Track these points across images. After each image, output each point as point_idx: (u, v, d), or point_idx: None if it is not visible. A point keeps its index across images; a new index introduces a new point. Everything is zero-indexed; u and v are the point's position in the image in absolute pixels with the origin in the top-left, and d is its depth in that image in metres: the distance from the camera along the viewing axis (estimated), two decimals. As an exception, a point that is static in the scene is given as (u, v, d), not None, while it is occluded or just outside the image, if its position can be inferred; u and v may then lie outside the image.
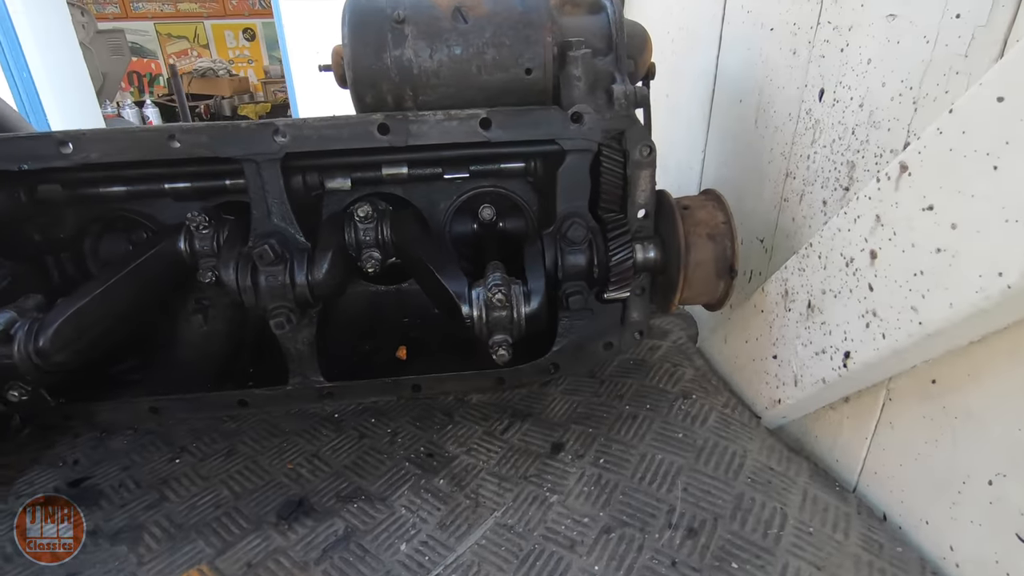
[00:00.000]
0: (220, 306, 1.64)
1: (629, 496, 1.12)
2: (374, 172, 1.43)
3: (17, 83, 5.00)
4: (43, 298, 1.23)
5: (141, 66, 13.87)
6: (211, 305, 1.64)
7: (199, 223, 1.34)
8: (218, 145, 1.23)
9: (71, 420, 1.42)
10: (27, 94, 5.05)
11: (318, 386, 1.44)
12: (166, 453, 1.33)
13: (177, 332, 1.61)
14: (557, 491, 1.15)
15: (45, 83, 5.21)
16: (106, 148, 1.21)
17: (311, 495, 1.18)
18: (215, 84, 12.63)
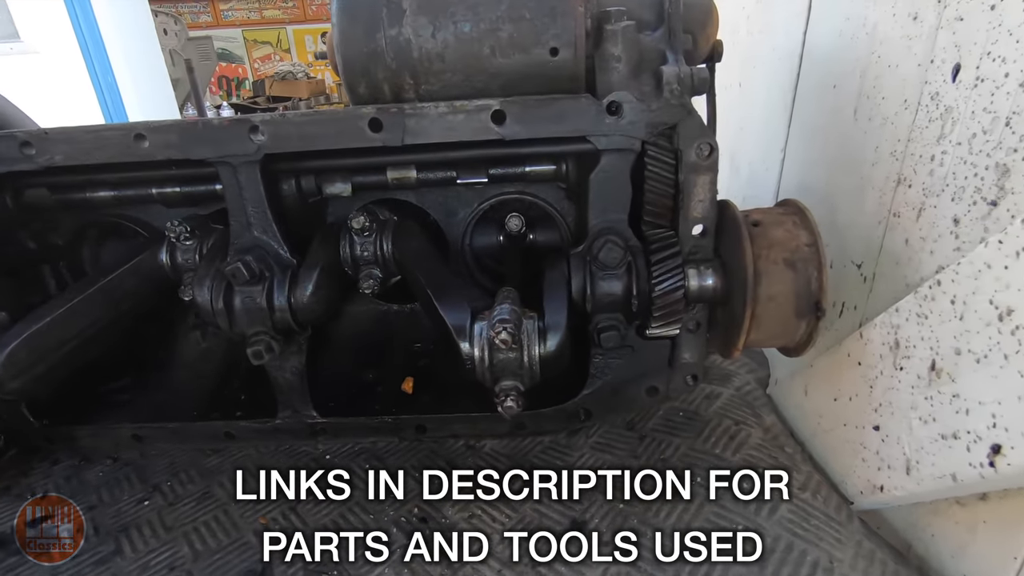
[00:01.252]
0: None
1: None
2: (378, 176, 1.23)
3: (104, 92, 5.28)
4: (7, 316, 1.11)
5: (229, 71, 14.65)
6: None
7: (179, 233, 1.19)
8: (188, 145, 1.06)
9: (53, 444, 1.32)
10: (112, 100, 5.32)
11: (309, 421, 1.25)
12: (138, 491, 1.19)
13: (175, 348, 1.49)
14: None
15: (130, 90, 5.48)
16: (69, 149, 1.07)
17: (276, 564, 0.99)
18: (293, 87, 13.15)
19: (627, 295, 1.05)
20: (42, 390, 1.10)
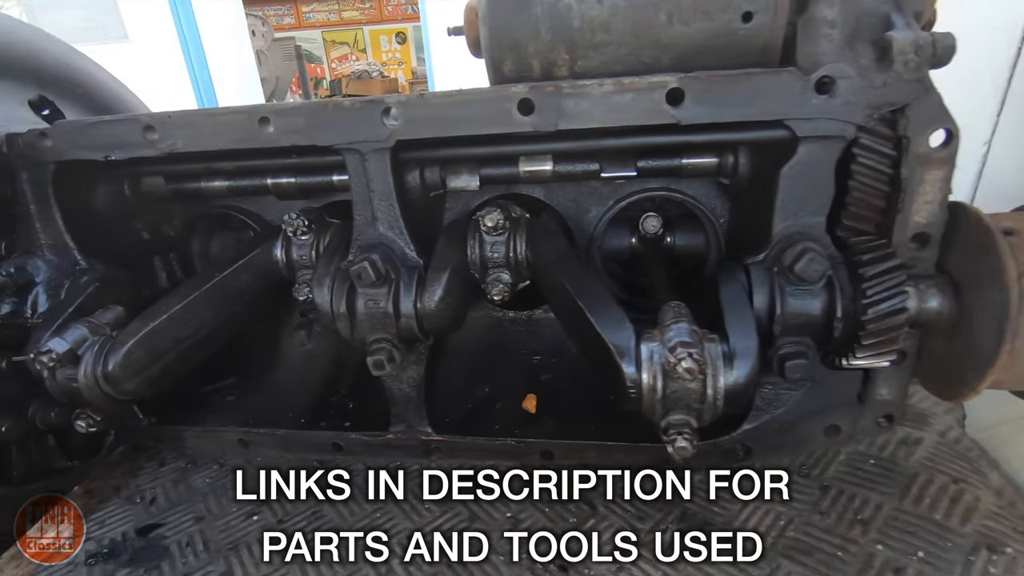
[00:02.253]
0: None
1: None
2: (509, 168, 1.09)
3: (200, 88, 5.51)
4: (123, 311, 1.05)
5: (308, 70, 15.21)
6: (317, 320, 1.41)
7: (297, 227, 1.10)
8: (315, 130, 0.95)
9: (160, 443, 1.27)
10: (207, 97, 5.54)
11: (424, 438, 1.13)
12: (245, 504, 1.10)
13: (278, 348, 1.41)
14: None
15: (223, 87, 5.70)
16: (191, 134, 0.99)
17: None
18: (368, 85, 13.47)
19: (827, 316, 0.85)
20: (156, 391, 1.03)
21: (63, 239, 1.12)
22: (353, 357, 1.38)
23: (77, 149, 1.04)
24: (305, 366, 1.38)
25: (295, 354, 1.39)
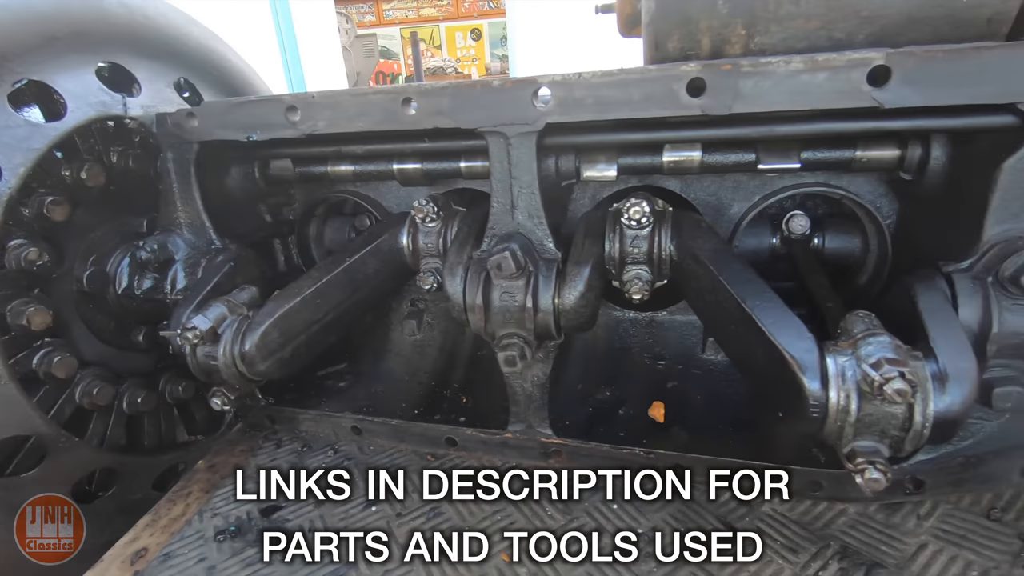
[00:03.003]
0: (437, 313, 1.38)
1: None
2: (651, 157, 1.01)
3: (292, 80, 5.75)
4: (257, 292, 1.05)
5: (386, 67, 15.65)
6: (426, 310, 1.39)
7: (427, 214, 1.06)
8: (460, 111, 0.91)
9: (276, 424, 1.28)
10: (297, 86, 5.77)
11: (544, 440, 1.08)
12: (363, 493, 1.08)
13: (388, 336, 1.40)
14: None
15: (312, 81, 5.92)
16: (333, 115, 0.98)
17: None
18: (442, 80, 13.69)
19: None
20: (285, 373, 1.04)
21: (201, 218, 1.14)
22: (464, 350, 1.35)
23: (221, 129, 1.05)
24: (415, 356, 1.35)
25: (405, 343, 1.37)
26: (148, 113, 1.09)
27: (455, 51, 15.67)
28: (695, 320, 1.21)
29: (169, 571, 0.94)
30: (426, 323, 1.38)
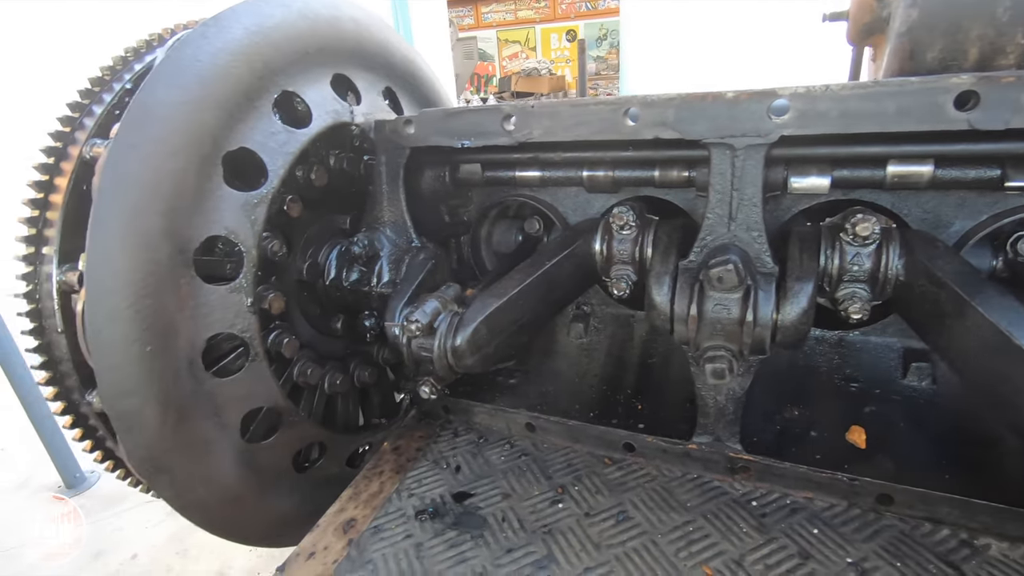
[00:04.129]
0: (604, 317, 1.40)
1: None
2: (871, 170, 0.96)
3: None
4: (460, 289, 1.12)
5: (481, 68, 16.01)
6: (592, 314, 1.41)
7: (626, 221, 1.08)
8: (684, 122, 0.92)
9: (450, 414, 1.35)
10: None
11: (731, 455, 1.06)
12: (546, 489, 1.12)
13: (554, 338, 1.43)
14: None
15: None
16: (551, 125, 1.02)
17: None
18: (536, 82, 13.80)
19: None
20: (485, 368, 1.09)
21: (403, 218, 1.23)
22: (632, 356, 1.36)
23: (436, 135, 1.13)
24: (583, 359, 1.38)
25: (571, 346, 1.40)
26: (368, 120, 1.19)
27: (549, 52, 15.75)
28: (893, 342, 1.14)
29: (381, 543, 1.02)
30: (593, 327, 1.40)
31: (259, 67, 0.95)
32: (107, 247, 0.77)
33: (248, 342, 0.96)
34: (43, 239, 0.88)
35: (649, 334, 1.35)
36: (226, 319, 0.93)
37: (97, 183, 0.82)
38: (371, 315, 1.25)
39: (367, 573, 0.96)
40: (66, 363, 0.90)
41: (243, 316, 0.95)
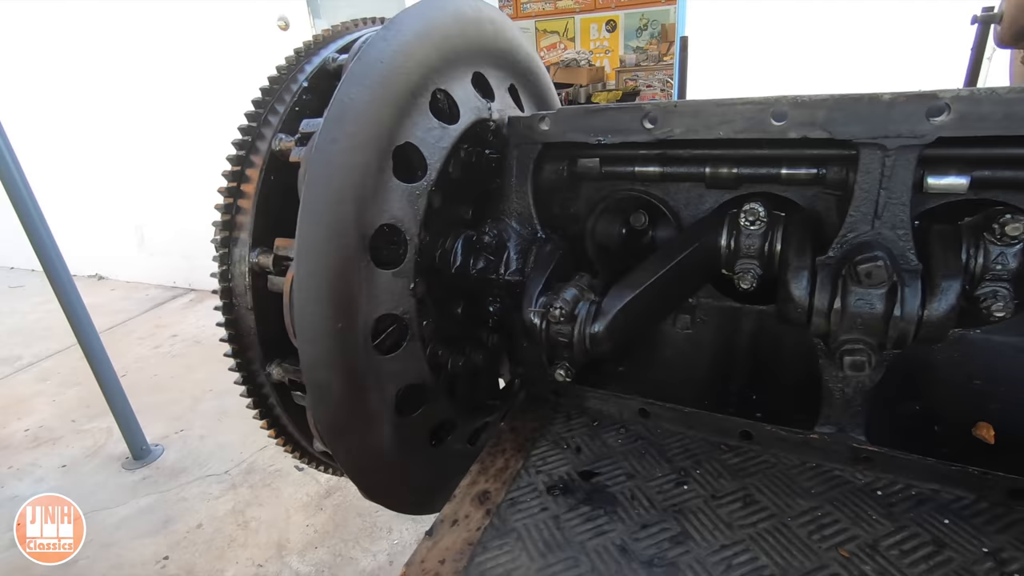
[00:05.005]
0: (709, 310, 1.44)
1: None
2: (1014, 171, 0.98)
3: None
4: (591, 278, 1.18)
5: (519, 59, 15.79)
6: (698, 306, 1.45)
7: (757, 217, 1.12)
8: (835, 123, 0.95)
9: (560, 398, 1.41)
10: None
11: (855, 445, 1.10)
12: (668, 471, 1.18)
13: (660, 327, 1.48)
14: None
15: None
16: (692, 123, 1.06)
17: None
18: (575, 74, 13.70)
19: None
20: (613, 356, 1.15)
21: (530, 210, 1.29)
22: (740, 348, 1.40)
23: (572, 132, 1.18)
24: (689, 349, 1.43)
25: (678, 336, 1.45)
26: (501, 116, 1.25)
27: (588, 43, 15.61)
28: (1018, 341, 1.16)
29: (520, 515, 1.10)
30: (699, 319, 1.45)
31: (422, 67, 1.02)
32: (314, 233, 0.85)
33: (408, 323, 1.04)
34: (236, 224, 0.97)
35: (758, 327, 1.39)
36: (391, 301, 1.01)
37: (303, 174, 0.90)
38: (495, 301, 1.31)
39: (512, 540, 1.04)
40: (250, 337, 0.99)
41: (405, 298, 1.03)
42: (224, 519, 4.55)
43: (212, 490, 4.88)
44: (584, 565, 0.97)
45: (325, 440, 0.95)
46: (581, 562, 0.98)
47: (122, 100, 7.43)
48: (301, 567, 3.97)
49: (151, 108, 7.30)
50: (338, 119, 0.87)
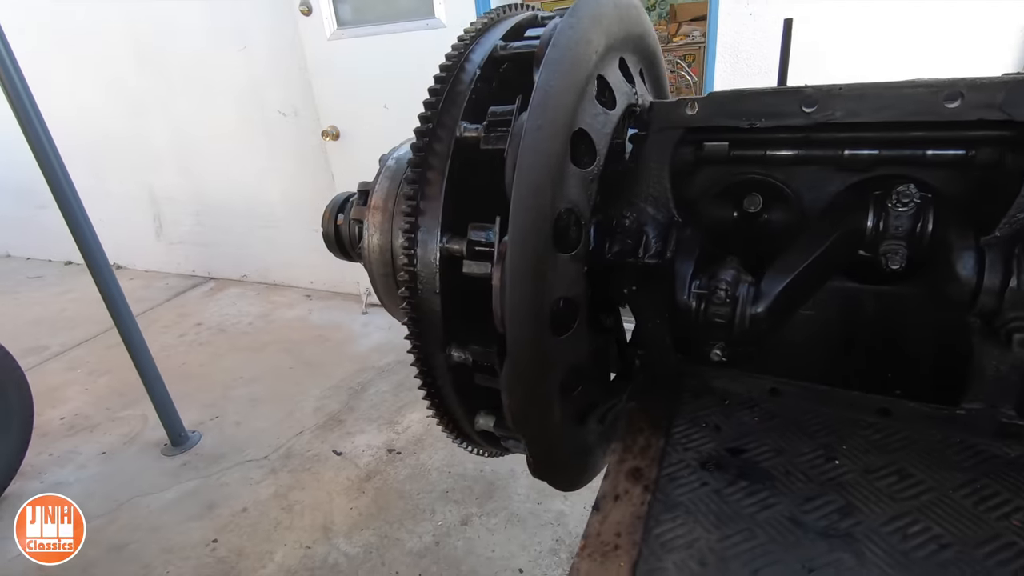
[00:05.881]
0: (827, 290, 1.47)
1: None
2: None
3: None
4: (738, 261, 1.20)
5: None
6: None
7: (911, 199, 1.14)
8: (1017, 105, 0.97)
9: (683, 378, 1.44)
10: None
11: (1005, 420, 1.14)
12: (813, 448, 1.21)
13: (775, 310, 1.51)
14: None
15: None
16: (855, 106, 1.08)
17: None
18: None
19: None
20: (767, 336, 1.18)
21: (666, 195, 1.31)
22: (862, 327, 1.43)
23: (720, 117, 1.20)
24: (809, 328, 1.46)
25: (798, 317, 1.48)
26: (643, 100, 1.26)
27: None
28: None
29: (681, 489, 1.13)
30: (818, 299, 1.47)
31: (596, 54, 1.03)
32: (525, 218, 0.87)
33: (579, 305, 1.07)
34: (420, 211, 0.99)
35: (877, 307, 1.42)
36: (566, 284, 1.03)
37: (511, 161, 0.92)
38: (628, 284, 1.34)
39: (682, 513, 1.07)
40: (433, 319, 1.01)
41: (578, 282, 1.05)
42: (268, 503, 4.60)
43: (253, 475, 4.92)
44: (761, 536, 1.01)
45: (516, 418, 0.98)
46: (757, 534, 1.02)
47: (139, 90, 7.33)
48: (349, 548, 4.03)
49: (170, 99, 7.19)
50: (541, 106, 0.88)
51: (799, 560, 0.96)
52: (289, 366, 5.88)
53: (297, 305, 7.19)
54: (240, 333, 6.53)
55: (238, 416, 5.13)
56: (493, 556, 3.71)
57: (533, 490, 4.17)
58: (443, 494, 4.16)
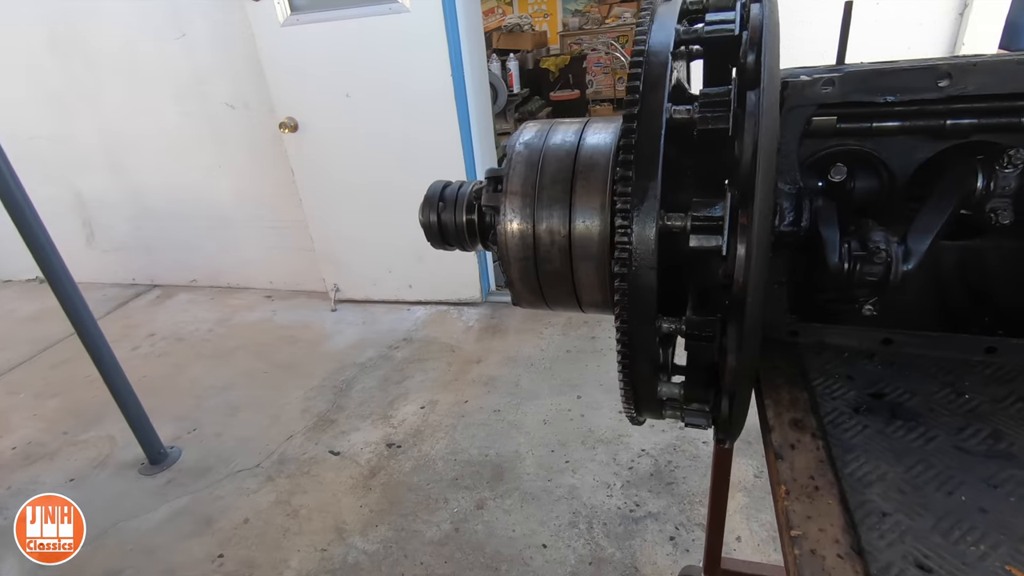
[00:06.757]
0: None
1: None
2: None
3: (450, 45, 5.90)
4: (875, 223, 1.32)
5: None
6: (900, 245, 1.64)
7: (1021, 161, 1.30)
8: None
9: (796, 337, 1.56)
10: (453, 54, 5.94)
11: (1097, 346, 1.33)
12: (940, 387, 1.36)
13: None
14: None
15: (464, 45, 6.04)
16: (987, 80, 1.21)
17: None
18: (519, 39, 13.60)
19: None
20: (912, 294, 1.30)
21: (795, 168, 1.40)
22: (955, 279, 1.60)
23: (857, 92, 1.29)
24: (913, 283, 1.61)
25: (888, 273, 1.63)
26: (779, 77, 1.34)
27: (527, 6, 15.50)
28: None
29: (848, 432, 1.24)
30: (905, 258, 1.63)
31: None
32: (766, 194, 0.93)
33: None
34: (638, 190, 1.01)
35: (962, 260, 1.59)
36: (763, 251, 1.10)
37: (751, 139, 0.95)
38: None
39: (861, 452, 1.18)
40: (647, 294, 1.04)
41: (769, 248, 1.12)
42: (270, 511, 4.43)
43: (248, 484, 4.70)
44: (938, 464, 1.14)
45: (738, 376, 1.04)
46: (934, 463, 1.14)
47: (60, 84, 6.62)
48: (367, 546, 3.98)
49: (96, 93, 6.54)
50: (770, 86, 0.94)
51: (981, 479, 1.09)
52: (263, 370, 5.59)
53: (258, 307, 6.81)
54: (201, 340, 6.11)
55: (217, 427, 4.83)
56: (515, 535, 3.76)
57: (541, 468, 4.25)
58: (452, 482, 4.15)
